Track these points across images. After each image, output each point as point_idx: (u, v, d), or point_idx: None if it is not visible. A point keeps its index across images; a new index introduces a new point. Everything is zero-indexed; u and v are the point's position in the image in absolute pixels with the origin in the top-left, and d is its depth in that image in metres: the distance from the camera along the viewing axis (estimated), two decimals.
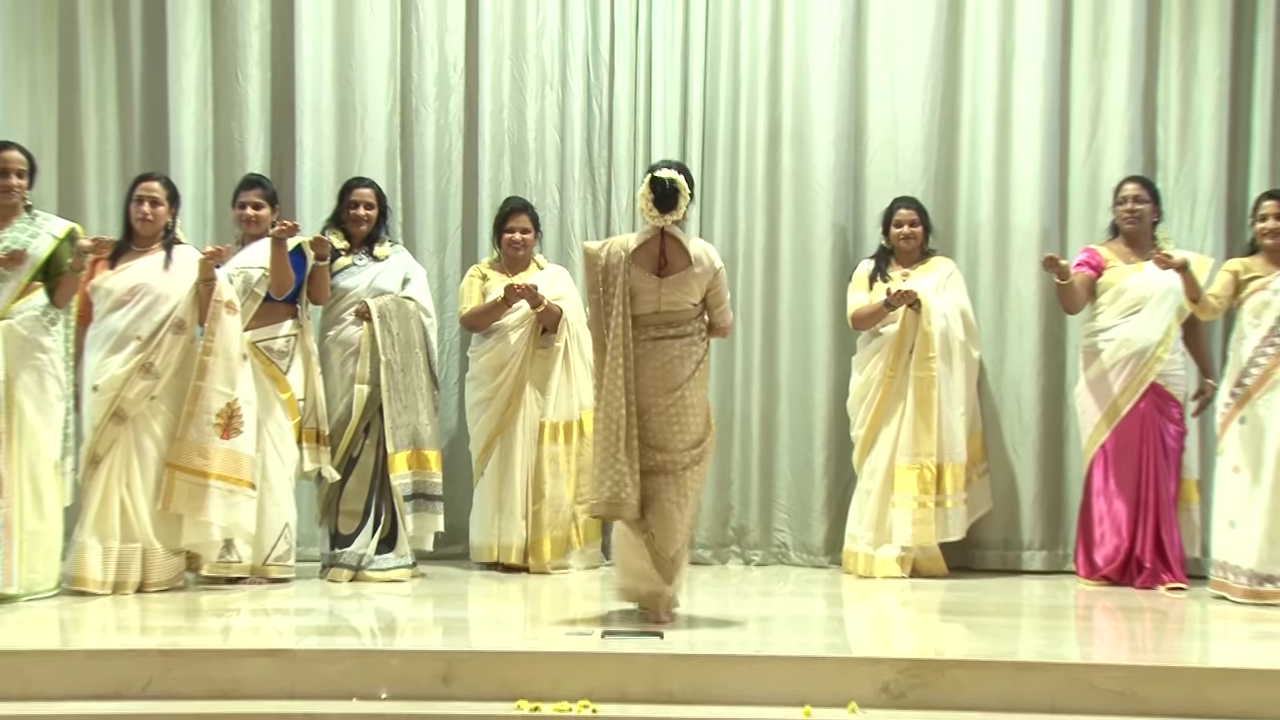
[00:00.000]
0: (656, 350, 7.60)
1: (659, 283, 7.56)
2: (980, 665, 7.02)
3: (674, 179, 7.55)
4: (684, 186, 7.56)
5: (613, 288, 7.59)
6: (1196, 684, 6.95)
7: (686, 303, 7.65)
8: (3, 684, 6.90)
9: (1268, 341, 8.57)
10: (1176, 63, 9.95)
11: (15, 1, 9.86)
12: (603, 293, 7.62)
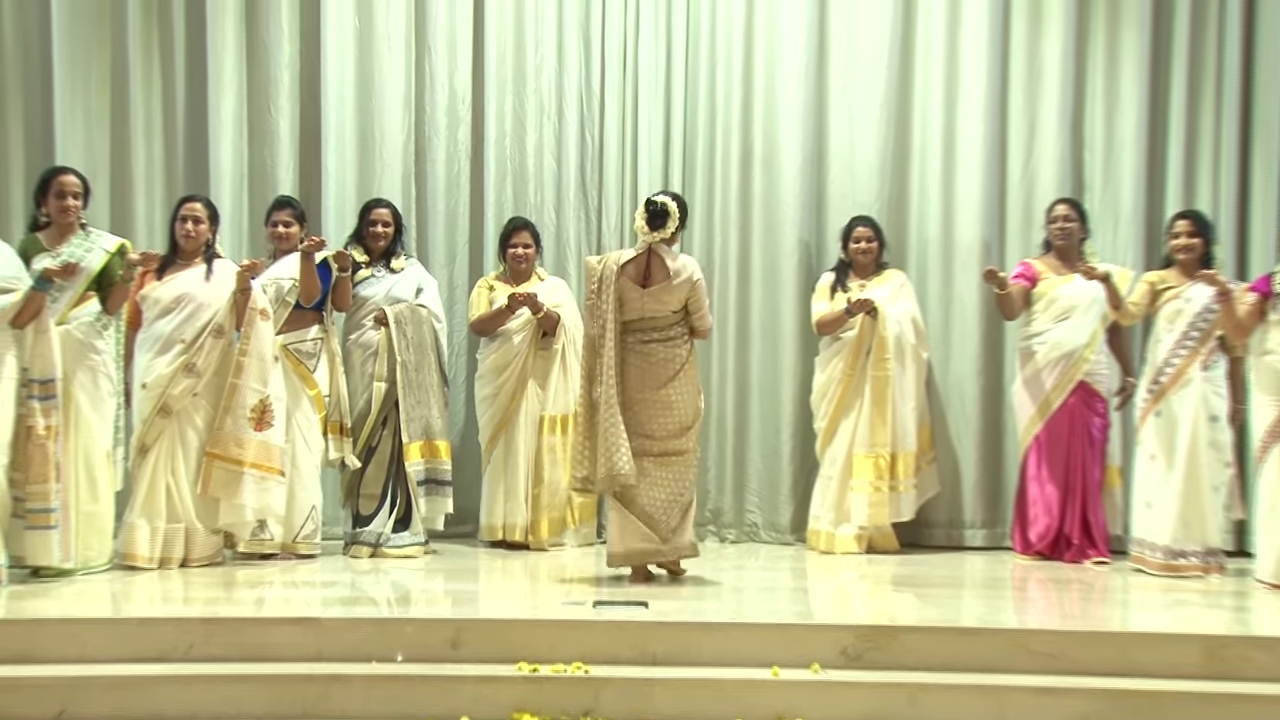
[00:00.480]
0: (645, 352, 7.98)
1: (642, 292, 7.93)
2: (928, 631, 7.09)
3: (664, 202, 7.94)
4: (673, 210, 7.91)
5: (605, 295, 7.94)
6: (1119, 646, 7.03)
7: (666, 310, 7.98)
8: (62, 648, 6.93)
9: (1180, 344, 8.63)
10: (1101, 97, 9.98)
11: (72, 44, 9.81)
12: (597, 300, 7.99)
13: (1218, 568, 8.64)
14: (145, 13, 9.93)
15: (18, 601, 7.52)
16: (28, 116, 9.91)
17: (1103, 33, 10.00)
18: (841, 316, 9.38)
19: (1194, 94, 9.88)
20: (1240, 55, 9.84)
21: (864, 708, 6.54)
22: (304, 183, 9.99)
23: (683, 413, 8.08)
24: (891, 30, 10.00)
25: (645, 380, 8.01)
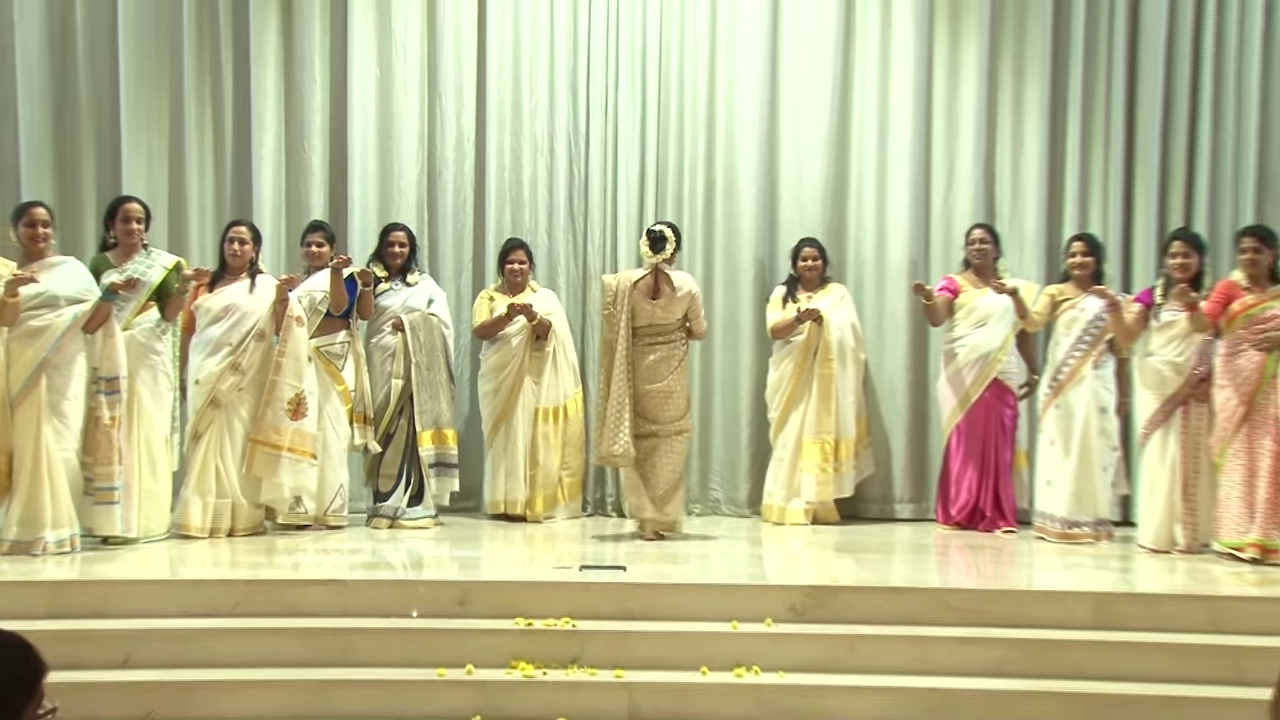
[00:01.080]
0: (651, 352, 8.66)
1: (652, 304, 8.64)
2: (864, 590, 7.20)
3: (662, 230, 8.69)
4: (669, 236, 8.63)
5: (620, 307, 8.61)
6: (1023, 602, 7.15)
7: (671, 318, 8.70)
8: (126, 605, 6.99)
9: (1075, 347, 8.72)
10: (1009, 139, 10.01)
11: (137, 92, 9.78)
12: (613, 311, 8.63)
13: (1106, 535, 8.74)
14: (198, 64, 9.92)
15: (89, 565, 7.58)
16: (99, 154, 9.90)
17: (1010, 86, 10.01)
18: (792, 323, 9.39)
19: (1086, 136, 9.92)
20: (1124, 103, 9.87)
21: (810, 656, 6.59)
22: (333, 209, 9.96)
23: (679, 400, 8.76)
24: (833, 81, 9.99)
25: (652, 375, 8.65)
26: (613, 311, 8.66)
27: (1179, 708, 6.30)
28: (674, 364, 8.74)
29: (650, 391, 8.68)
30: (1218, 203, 9.84)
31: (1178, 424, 8.38)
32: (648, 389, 8.67)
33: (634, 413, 8.60)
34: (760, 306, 9.86)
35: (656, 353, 8.70)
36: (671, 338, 8.76)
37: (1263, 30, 9.83)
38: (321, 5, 10.01)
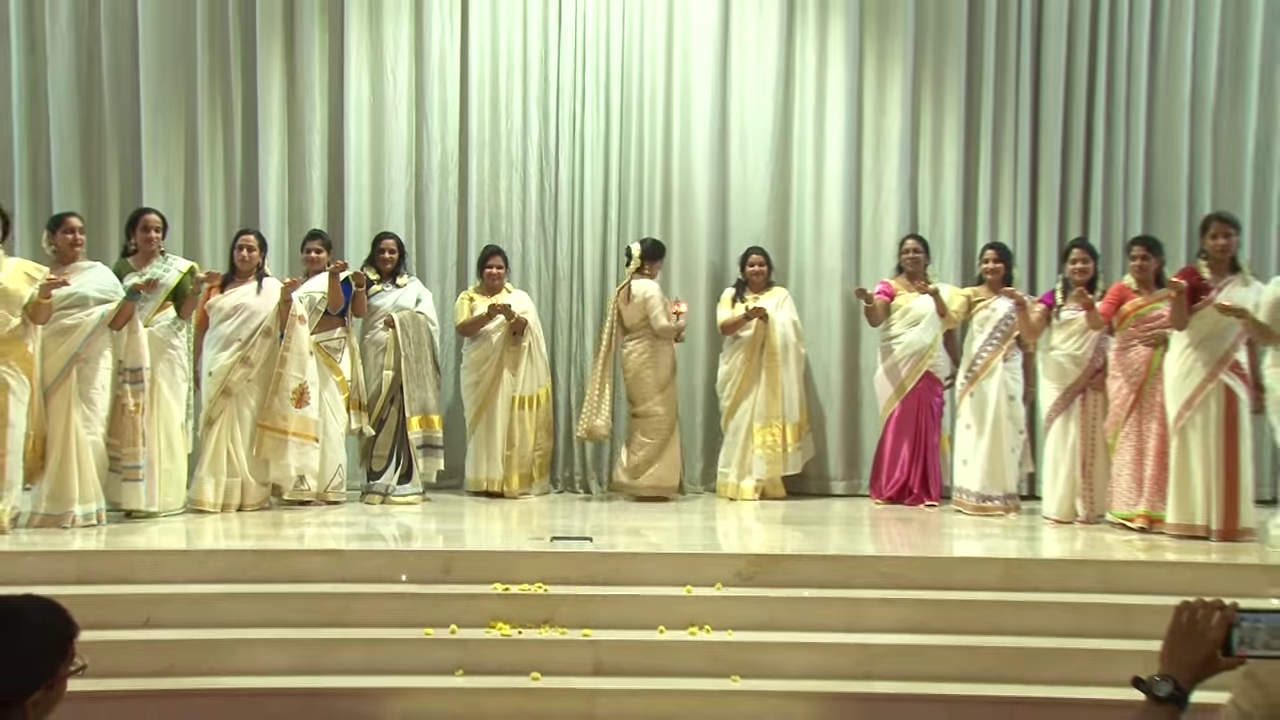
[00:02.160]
0: (625, 345, 9.40)
1: (626, 307, 9.36)
2: (803, 558, 7.24)
3: (630, 247, 9.54)
4: (634, 253, 9.45)
5: (610, 309, 9.53)
6: (942, 567, 7.23)
7: (637, 318, 9.34)
8: (147, 572, 7.00)
9: (988, 342, 8.81)
10: (929, 160, 10.03)
11: (155, 115, 9.76)
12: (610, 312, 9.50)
13: (1015, 508, 8.81)
14: (211, 91, 9.90)
15: (114, 537, 7.58)
16: (121, 171, 9.91)
17: (930, 114, 10.01)
18: (741, 320, 9.39)
19: (996, 158, 9.95)
20: (1029, 129, 9.92)
21: (755, 616, 6.62)
22: (331, 219, 9.93)
23: (648, 384, 9.32)
24: (774, 107, 9.99)
25: (625, 363, 9.40)
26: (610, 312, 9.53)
27: (1077, 659, 6.37)
28: (641, 355, 9.31)
29: (626, 377, 9.42)
30: (1110, 215, 9.90)
31: (1077, 410, 8.46)
32: (624, 375, 9.43)
33: (614, 395, 9.46)
34: (713, 306, 9.83)
35: (628, 346, 9.40)
36: (641, 334, 9.35)
37: (1148, 65, 9.90)
38: (320, 38, 9.97)
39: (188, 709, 6.06)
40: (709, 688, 6.18)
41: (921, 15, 10.01)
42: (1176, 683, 2.51)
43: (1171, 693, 2.50)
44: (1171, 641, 2.55)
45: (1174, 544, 7.73)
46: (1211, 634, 2.52)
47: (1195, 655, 2.53)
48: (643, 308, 9.22)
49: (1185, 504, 7.85)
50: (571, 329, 9.99)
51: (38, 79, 9.88)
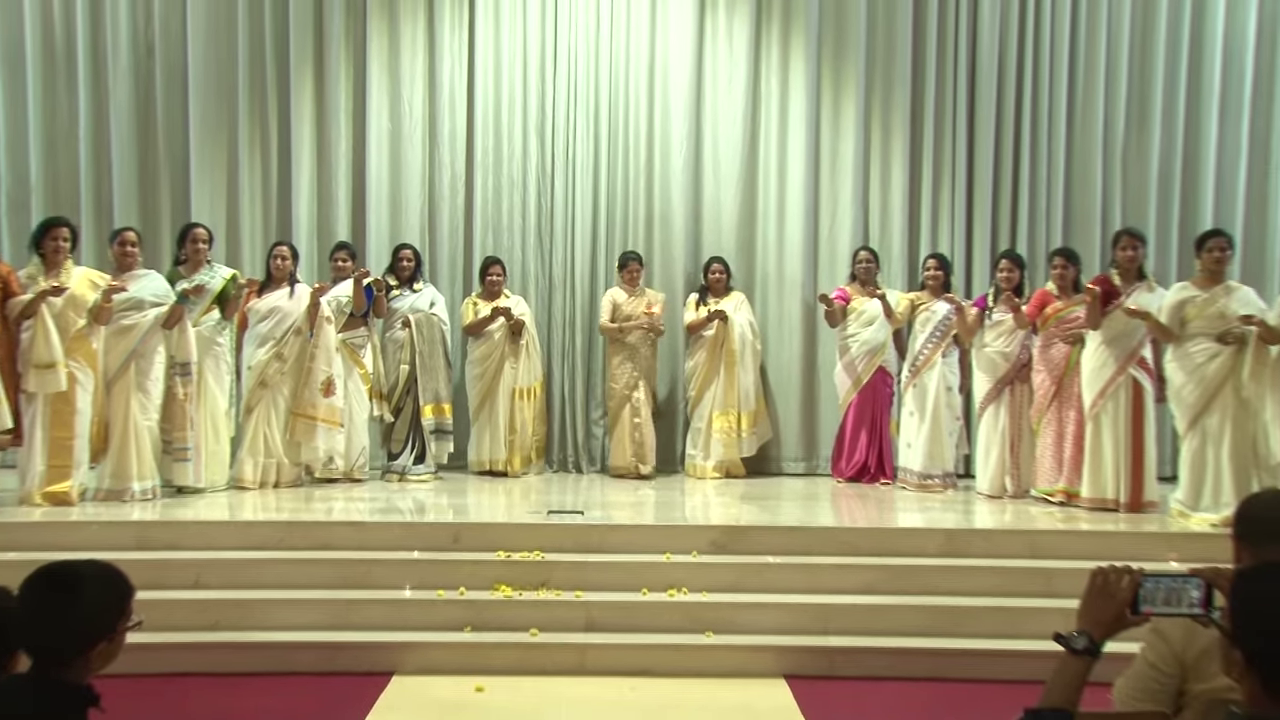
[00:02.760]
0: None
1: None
2: (767, 529, 7.27)
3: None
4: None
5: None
6: (890, 538, 7.27)
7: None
8: (195, 540, 7.04)
9: (929, 340, 8.82)
10: (879, 180, 10.01)
11: (202, 142, 9.75)
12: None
13: (952, 485, 8.80)
14: (250, 121, 9.87)
15: (168, 509, 7.59)
16: (173, 190, 9.90)
17: (879, 140, 10.00)
18: (704, 321, 9.35)
19: (937, 179, 9.95)
20: (966, 154, 9.93)
21: (726, 580, 6.67)
22: (354, 232, 9.89)
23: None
24: (743, 135, 9.96)
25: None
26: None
27: (1006, 615, 6.41)
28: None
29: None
30: (1035, 229, 9.93)
31: (1006, 400, 8.50)
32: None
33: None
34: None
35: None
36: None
37: (1066, 99, 9.94)
38: (345, 74, 9.93)
39: (229, 660, 6.07)
40: (686, 642, 6.21)
41: (871, 54, 10.00)
42: (1091, 637, 2.54)
43: (1087, 646, 2.53)
44: (1087, 601, 2.57)
45: (1089, 515, 7.78)
46: (1121, 594, 2.54)
47: (1107, 613, 2.55)
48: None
49: (1098, 480, 7.91)
50: (564, 329, 9.95)
51: (102, 112, 9.88)
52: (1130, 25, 9.98)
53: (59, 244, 7.59)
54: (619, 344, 9.44)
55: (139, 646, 2.70)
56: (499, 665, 6.06)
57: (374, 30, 9.94)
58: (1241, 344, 7.34)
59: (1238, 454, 7.38)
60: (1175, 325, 7.56)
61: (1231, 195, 10.06)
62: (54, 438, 7.53)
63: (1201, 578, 2.55)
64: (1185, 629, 2.96)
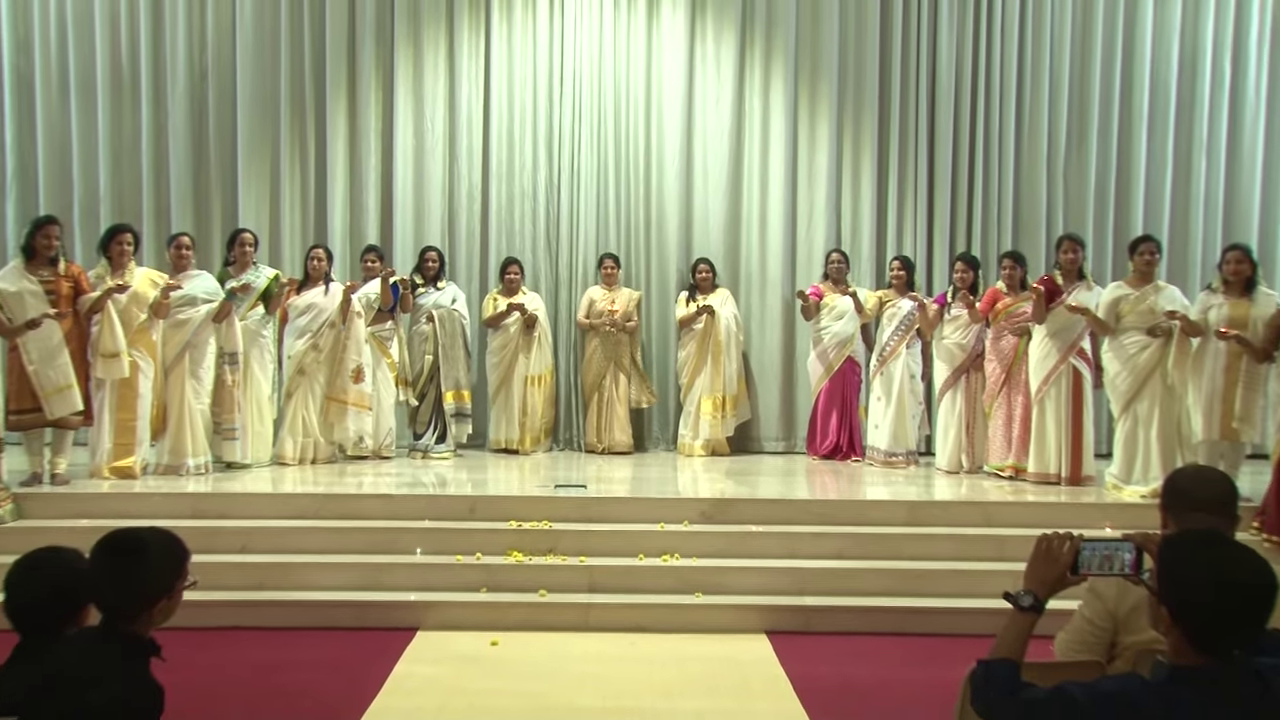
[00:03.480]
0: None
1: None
2: (750, 501, 7.28)
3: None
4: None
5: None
6: (859, 508, 7.28)
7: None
8: (243, 510, 7.06)
9: (894, 333, 8.83)
10: (850, 190, 10.00)
11: (249, 159, 9.77)
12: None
13: (915, 462, 8.83)
14: (291, 138, 9.88)
15: (218, 483, 7.61)
16: (223, 199, 9.92)
17: (850, 153, 9.98)
18: (694, 316, 9.35)
19: (901, 188, 9.95)
20: (927, 167, 9.93)
21: (714, 547, 6.69)
22: (382, 236, 9.88)
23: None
24: (729, 147, 9.95)
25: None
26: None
27: (962, 578, 6.44)
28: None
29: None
30: (987, 234, 9.95)
31: (963, 386, 8.51)
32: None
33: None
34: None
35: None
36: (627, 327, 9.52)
37: (1015, 118, 9.96)
38: (375, 96, 9.92)
39: (273, 616, 6.09)
40: (678, 602, 6.23)
41: (843, 79, 9.98)
42: (1036, 596, 2.56)
43: (1032, 604, 2.55)
44: (1032, 564, 2.60)
45: (1034, 488, 7.81)
46: (1063, 558, 2.56)
47: (1050, 575, 2.57)
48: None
49: (1043, 457, 7.94)
50: (570, 324, 9.94)
51: (161, 131, 9.91)
52: (1070, 55, 10.01)
53: (124, 247, 7.62)
54: (593, 336, 9.53)
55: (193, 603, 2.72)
56: (511, 622, 6.07)
57: (400, 58, 9.93)
58: (1168, 337, 7.41)
59: (1165, 434, 7.43)
60: (1111, 320, 7.58)
61: (1158, 204, 10.10)
62: (119, 419, 7.57)
63: (1133, 543, 2.58)
64: (1118, 588, 2.99)
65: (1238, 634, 2.28)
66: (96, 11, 9.85)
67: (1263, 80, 10.07)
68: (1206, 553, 2.32)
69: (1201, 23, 10.06)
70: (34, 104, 9.90)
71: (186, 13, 9.89)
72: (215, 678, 5.23)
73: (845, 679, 5.39)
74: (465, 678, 5.36)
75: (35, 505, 6.96)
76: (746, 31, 10.04)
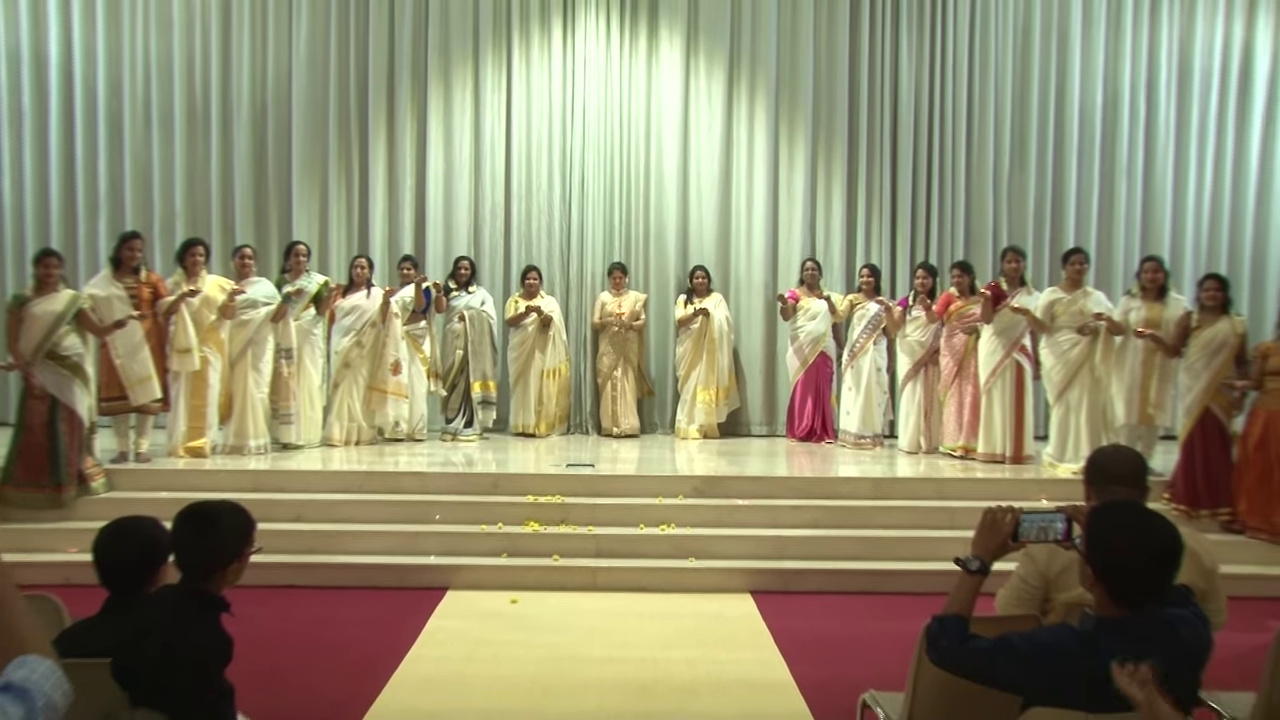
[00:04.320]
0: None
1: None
2: (737, 478, 7.29)
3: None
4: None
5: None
6: (832, 484, 7.31)
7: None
8: (297, 484, 7.12)
9: (863, 332, 8.82)
10: (823, 205, 9.98)
11: (301, 179, 9.81)
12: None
13: (880, 444, 8.81)
14: (338, 161, 9.89)
15: (276, 461, 7.68)
16: (279, 215, 9.96)
17: (823, 173, 9.97)
18: (691, 317, 9.33)
19: (869, 204, 9.93)
20: (890, 185, 9.92)
21: (705, 518, 6.72)
22: (416, 247, 9.87)
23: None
24: (719, 169, 9.95)
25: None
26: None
27: (919, 544, 6.49)
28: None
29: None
30: (943, 245, 9.94)
31: (921, 377, 8.53)
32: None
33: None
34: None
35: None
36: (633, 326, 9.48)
37: (965, 143, 9.97)
38: (410, 126, 9.92)
39: (324, 576, 6.16)
40: (674, 566, 6.28)
41: (817, 111, 9.98)
42: (982, 560, 2.60)
43: (979, 567, 2.59)
44: (979, 533, 2.64)
45: (982, 466, 7.85)
46: (1005, 527, 2.60)
47: (994, 541, 2.61)
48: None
49: (990, 439, 7.97)
50: (581, 323, 9.94)
51: (227, 157, 9.96)
52: (1011, 93, 10.06)
53: (196, 258, 7.70)
54: (605, 334, 9.51)
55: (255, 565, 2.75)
56: (529, 583, 6.12)
57: (433, 92, 9.94)
58: (1096, 335, 7.46)
59: (1092, 418, 7.49)
60: (1047, 320, 7.63)
61: (1087, 220, 10.17)
62: (192, 405, 7.63)
63: (1064, 514, 2.62)
64: (1049, 552, 3.03)
65: (1150, 589, 2.34)
66: (175, 56, 9.91)
67: (1171, 116, 10.19)
68: (1125, 521, 2.38)
69: (1120, 67, 10.15)
70: (123, 136, 9.95)
71: (250, 56, 9.94)
72: (275, 629, 5.28)
73: (818, 632, 5.44)
74: (489, 631, 5.41)
75: (122, 479, 7.05)
76: (734, 69, 10.04)
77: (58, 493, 6.58)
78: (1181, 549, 2.37)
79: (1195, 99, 10.19)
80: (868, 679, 3.72)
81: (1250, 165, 10.23)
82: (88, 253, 9.86)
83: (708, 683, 4.68)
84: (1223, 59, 10.20)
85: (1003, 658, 2.39)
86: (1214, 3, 10.20)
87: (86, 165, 9.96)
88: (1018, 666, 2.37)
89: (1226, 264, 10.07)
